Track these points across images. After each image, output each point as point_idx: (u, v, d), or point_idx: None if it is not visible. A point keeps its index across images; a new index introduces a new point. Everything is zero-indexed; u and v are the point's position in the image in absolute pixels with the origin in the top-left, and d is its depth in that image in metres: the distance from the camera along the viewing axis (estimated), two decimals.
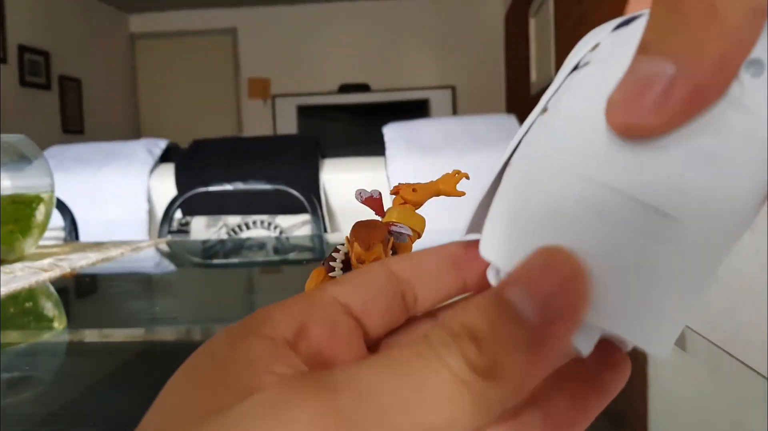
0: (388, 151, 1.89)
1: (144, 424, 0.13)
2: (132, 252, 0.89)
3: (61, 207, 1.34)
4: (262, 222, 1.70)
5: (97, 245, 0.94)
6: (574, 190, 0.14)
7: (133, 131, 5.42)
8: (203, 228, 1.75)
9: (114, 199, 1.90)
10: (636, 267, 0.14)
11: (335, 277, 0.23)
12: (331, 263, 0.24)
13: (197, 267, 0.92)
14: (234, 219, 1.73)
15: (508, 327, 0.12)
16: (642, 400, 0.36)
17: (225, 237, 1.68)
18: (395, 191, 0.26)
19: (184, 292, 0.74)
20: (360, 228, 0.23)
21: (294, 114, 5.41)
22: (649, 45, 0.13)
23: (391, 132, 1.97)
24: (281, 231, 1.69)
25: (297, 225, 1.68)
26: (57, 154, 2.01)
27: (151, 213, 1.94)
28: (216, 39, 5.46)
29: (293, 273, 0.84)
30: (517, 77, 4.42)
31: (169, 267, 0.95)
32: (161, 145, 2.07)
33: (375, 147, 1.95)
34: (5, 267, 0.73)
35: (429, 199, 0.26)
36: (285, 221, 1.70)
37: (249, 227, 1.71)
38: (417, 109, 5.13)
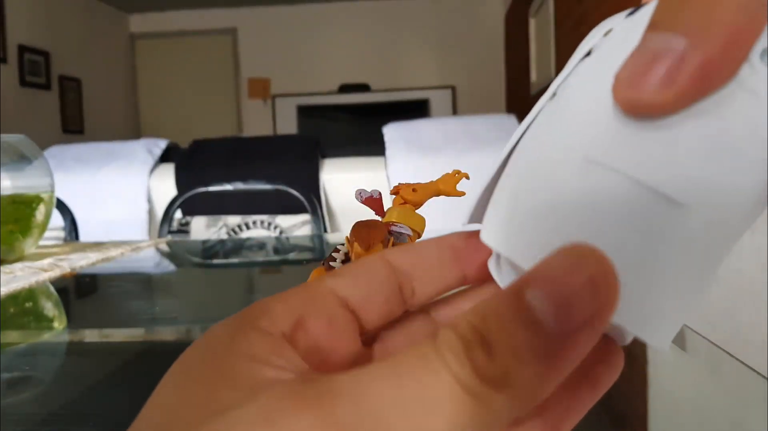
0: (388, 151, 1.89)
1: (140, 421, 0.13)
2: (132, 252, 0.89)
3: (61, 207, 1.34)
4: (262, 223, 1.70)
5: (97, 245, 0.94)
6: (578, 173, 0.14)
7: (133, 131, 5.42)
8: (203, 228, 1.75)
9: (114, 199, 1.90)
10: (640, 255, 0.13)
11: None
12: (331, 263, 0.24)
13: (197, 267, 0.92)
14: (234, 219, 1.73)
15: (524, 334, 0.11)
16: (642, 400, 0.36)
17: (225, 237, 1.68)
18: (395, 191, 0.26)
19: (184, 292, 0.74)
20: (360, 228, 0.23)
21: (294, 114, 5.41)
22: (660, 21, 0.13)
23: (391, 132, 1.97)
24: (281, 231, 1.69)
25: (297, 225, 1.68)
26: (57, 154, 2.01)
27: (151, 213, 1.94)
28: (216, 39, 5.46)
29: (293, 273, 0.84)
30: (517, 77, 4.41)
31: (169, 267, 0.95)
32: (161, 145, 2.07)
33: (375, 147, 1.95)
34: (5, 267, 0.73)
35: (429, 198, 0.26)
36: (285, 221, 1.70)
37: (249, 227, 1.71)
38: (417, 109, 5.13)
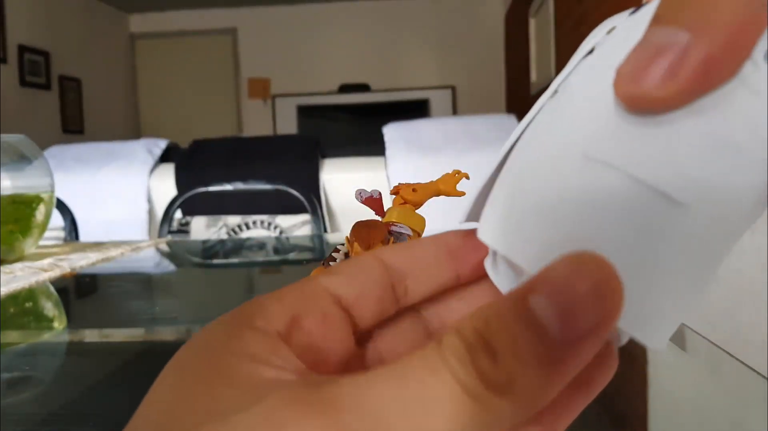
0: (388, 151, 1.89)
1: (137, 419, 0.13)
2: (132, 252, 0.89)
3: (61, 207, 1.34)
4: (262, 223, 1.70)
5: (97, 245, 0.94)
6: (577, 170, 0.14)
7: (133, 131, 5.42)
8: (203, 228, 1.75)
9: (114, 199, 1.90)
10: (638, 254, 0.13)
11: None
12: (331, 263, 0.24)
13: (197, 267, 0.92)
14: (234, 219, 1.73)
15: (528, 340, 0.11)
16: (642, 400, 0.36)
17: (225, 237, 1.68)
18: (395, 191, 0.26)
19: (184, 292, 0.74)
20: (360, 228, 0.23)
21: (294, 114, 5.41)
22: (663, 16, 0.13)
23: (391, 132, 1.97)
24: (281, 231, 1.69)
25: (297, 225, 1.68)
26: (57, 154, 2.01)
27: (151, 213, 1.94)
28: (216, 39, 5.46)
29: (293, 273, 0.84)
30: (517, 77, 4.41)
31: (169, 267, 0.95)
32: (161, 145, 2.07)
33: (375, 147, 1.95)
34: (5, 267, 0.73)
35: (429, 198, 0.26)
36: (285, 221, 1.70)
37: (249, 227, 1.71)
38: (417, 109, 5.13)
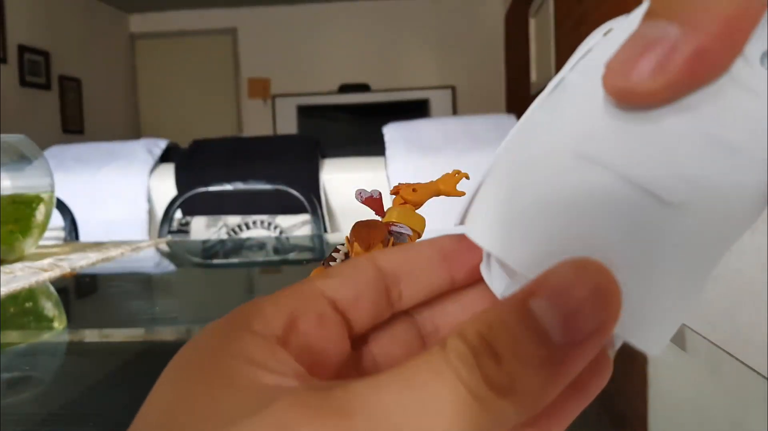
0: (388, 151, 1.89)
1: (138, 422, 0.13)
2: (132, 252, 0.89)
3: (61, 207, 1.34)
4: (262, 223, 1.70)
5: (97, 245, 0.94)
6: (569, 170, 0.13)
7: (133, 131, 5.42)
8: (203, 228, 1.75)
9: (114, 199, 1.90)
10: (631, 257, 0.13)
11: None
12: (331, 263, 0.24)
13: (197, 267, 0.92)
14: (234, 219, 1.73)
15: (530, 343, 0.12)
16: (642, 400, 0.36)
17: (225, 237, 1.68)
18: (395, 191, 0.26)
19: (184, 292, 0.74)
20: (360, 229, 0.23)
21: (294, 114, 5.41)
22: (655, 10, 0.13)
23: (391, 132, 1.97)
24: (281, 231, 1.69)
25: (297, 225, 1.68)
26: (57, 154, 2.01)
27: (151, 213, 1.94)
28: (216, 39, 5.46)
29: (293, 273, 0.84)
30: (517, 77, 4.41)
31: (169, 267, 0.95)
32: (161, 145, 2.07)
33: (375, 147, 1.95)
34: (5, 267, 0.73)
35: (429, 198, 0.26)
36: (285, 221, 1.70)
37: (249, 227, 1.71)
38: (417, 109, 5.13)
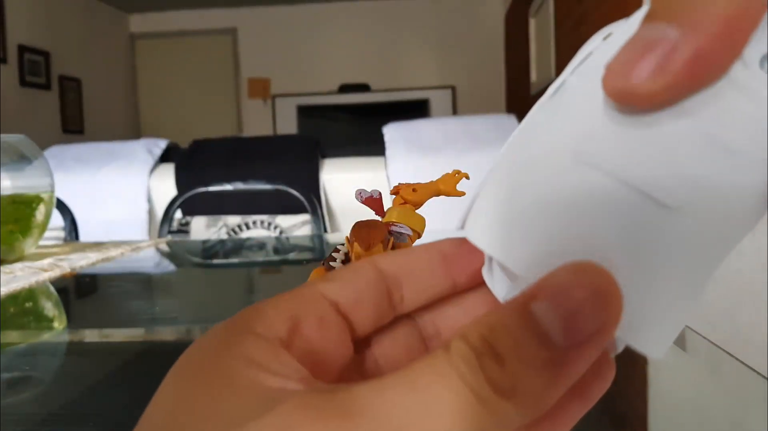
0: (388, 151, 1.89)
1: (139, 427, 0.13)
2: (132, 252, 0.89)
3: (61, 207, 1.34)
4: (262, 223, 1.70)
5: (97, 245, 0.94)
6: (569, 173, 0.14)
7: (133, 131, 5.42)
8: (203, 228, 1.75)
9: (114, 199, 1.90)
10: (631, 261, 0.13)
11: None
12: (331, 263, 0.24)
13: (197, 267, 0.92)
14: (234, 219, 1.73)
15: (532, 346, 0.12)
16: (642, 400, 0.36)
17: (225, 237, 1.68)
18: (395, 191, 0.26)
19: (184, 292, 0.74)
20: (360, 229, 0.23)
21: (294, 114, 5.41)
22: (655, 12, 0.13)
23: (391, 132, 1.97)
24: (281, 231, 1.69)
25: (297, 225, 1.68)
26: (57, 154, 2.01)
27: (151, 213, 1.94)
28: (216, 39, 5.46)
29: (293, 273, 0.84)
30: (517, 77, 4.41)
31: (169, 267, 0.95)
32: (161, 145, 2.07)
33: (375, 147, 1.95)
34: (5, 267, 0.73)
35: (429, 198, 0.26)
36: (285, 221, 1.70)
37: (249, 227, 1.71)
38: (417, 109, 5.13)
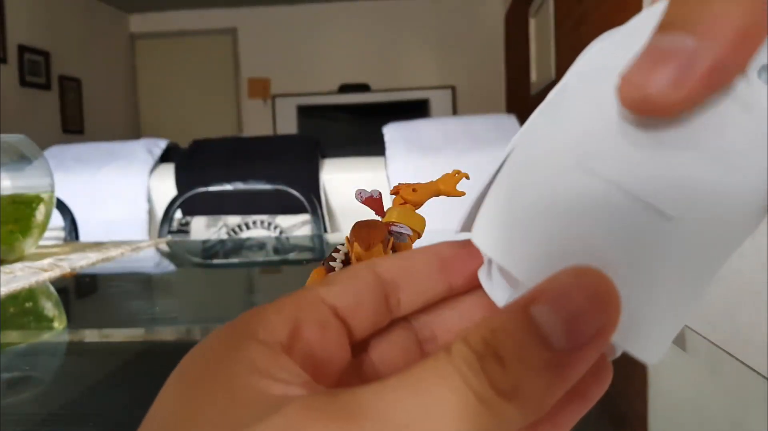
0: (388, 151, 1.89)
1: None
2: (132, 252, 0.89)
3: (61, 207, 1.34)
4: (262, 223, 1.70)
5: (97, 245, 0.94)
6: (572, 181, 0.14)
7: (133, 131, 5.42)
8: (203, 228, 1.74)
9: (114, 199, 1.90)
10: (631, 268, 0.13)
11: None
12: (331, 263, 0.24)
13: (197, 267, 0.92)
14: (234, 219, 1.73)
15: (533, 348, 0.12)
16: (642, 400, 0.36)
17: (225, 237, 1.68)
18: (395, 191, 0.26)
19: (184, 292, 0.74)
20: (360, 229, 0.23)
21: (294, 114, 5.41)
22: (669, 23, 0.13)
23: (391, 132, 1.97)
24: (281, 231, 1.69)
25: (297, 225, 1.68)
26: (57, 154, 2.01)
27: (151, 213, 1.94)
28: (216, 39, 5.46)
29: (293, 273, 0.84)
30: (517, 77, 4.41)
31: (169, 267, 0.95)
32: (161, 145, 2.07)
33: (375, 147, 1.95)
34: (5, 267, 0.73)
35: (429, 198, 0.26)
36: (285, 221, 1.70)
37: (249, 227, 1.71)
38: (417, 109, 5.13)
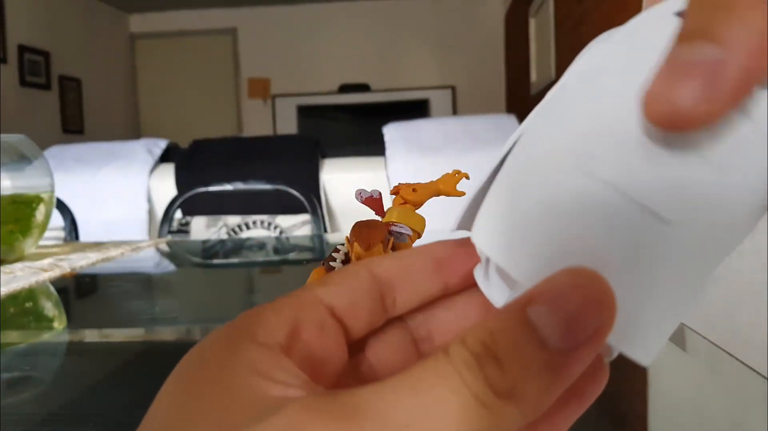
0: (388, 151, 1.89)
1: None
2: (132, 252, 0.89)
3: (61, 207, 1.34)
4: (262, 223, 1.70)
5: (97, 245, 0.94)
6: (571, 183, 0.14)
7: (133, 131, 5.42)
8: (203, 228, 1.74)
9: (114, 199, 1.90)
10: (627, 270, 0.14)
11: None
12: (331, 263, 0.24)
13: (197, 267, 0.92)
14: (234, 219, 1.73)
15: (531, 349, 0.12)
16: (642, 400, 0.36)
17: (225, 237, 1.68)
18: (395, 191, 0.26)
19: (184, 292, 0.74)
20: (360, 229, 0.23)
21: (294, 114, 5.41)
22: (691, 32, 0.13)
23: (391, 132, 1.97)
24: (281, 231, 1.69)
25: (297, 225, 1.68)
26: (57, 154, 2.01)
27: (151, 213, 1.94)
28: (216, 39, 5.46)
29: (293, 273, 0.84)
30: (517, 77, 4.41)
31: (169, 267, 0.95)
32: (161, 145, 2.07)
33: (375, 147, 1.95)
34: (5, 267, 0.73)
35: (429, 198, 0.26)
36: (285, 221, 1.70)
37: (249, 227, 1.71)
38: (417, 109, 5.12)
